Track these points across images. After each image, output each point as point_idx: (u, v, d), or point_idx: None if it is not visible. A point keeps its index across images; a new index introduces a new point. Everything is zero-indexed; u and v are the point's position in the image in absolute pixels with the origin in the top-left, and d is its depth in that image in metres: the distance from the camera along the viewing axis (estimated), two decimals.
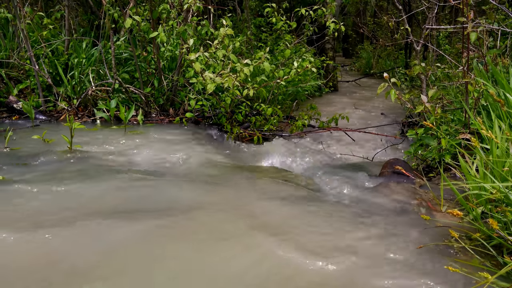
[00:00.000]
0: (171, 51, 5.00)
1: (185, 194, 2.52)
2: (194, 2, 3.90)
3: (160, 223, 2.06)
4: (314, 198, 2.53)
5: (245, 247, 1.88)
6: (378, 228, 2.05)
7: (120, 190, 2.52)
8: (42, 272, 1.64)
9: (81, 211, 2.18)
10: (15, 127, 3.94)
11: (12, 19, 4.62)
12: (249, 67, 3.65)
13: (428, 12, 4.81)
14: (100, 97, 4.55)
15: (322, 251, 1.82)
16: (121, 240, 1.90)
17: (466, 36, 2.75)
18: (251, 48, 6.03)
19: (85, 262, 1.71)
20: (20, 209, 2.17)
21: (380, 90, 2.68)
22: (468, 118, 2.86)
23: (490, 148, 2.04)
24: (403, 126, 5.01)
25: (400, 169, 2.68)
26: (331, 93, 8.14)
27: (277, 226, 2.07)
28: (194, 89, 4.36)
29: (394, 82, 2.70)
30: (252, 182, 2.76)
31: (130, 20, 3.98)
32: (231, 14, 6.39)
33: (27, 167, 2.88)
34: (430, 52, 7.90)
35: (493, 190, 1.74)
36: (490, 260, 1.70)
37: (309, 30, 5.01)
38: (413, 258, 1.75)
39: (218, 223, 2.10)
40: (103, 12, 4.73)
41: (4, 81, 4.69)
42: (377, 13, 14.83)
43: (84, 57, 4.81)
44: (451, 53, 6.99)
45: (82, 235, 1.92)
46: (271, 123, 4.26)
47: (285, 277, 1.66)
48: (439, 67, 4.68)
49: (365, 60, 12.51)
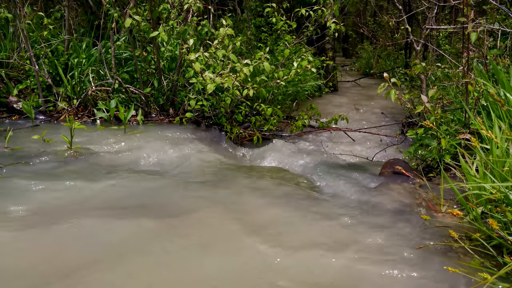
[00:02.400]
0: (171, 51, 5.00)
1: (184, 194, 2.52)
2: (194, 2, 3.90)
3: (159, 222, 2.06)
4: (314, 198, 2.53)
5: (244, 247, 1.87)
6: (377, 228, 2.04)
7: (119, 190, 2.52)
8: (36, 271, 1.64)
9: (80, 210, 2.18)
10: (15, 127, 3.94)
11: (12, 19, 4.62)
12: (249, 67, 3.65)
13: (428, 12, 4.81)
14: (100, 97, 4.55)
15: (322, 250, 1.82)
16: (115, 239, 1.90)
17: (466, 36, 2.74)
18: (251, 48, 6.02)
19: (77, 261, 1.71)
20: (20, 208, 2.17)
21: (380, 90, 2.68)
22: (468, 118, 2.86)
23: (490, 148, 2.04)
24: (403, 126, 5.01)
25: (400, 169, 2.68)
26: (331, 93, 8.14)
27: (276, 226, 2.07)
28: (194, 89, 4.36)
29: (394, 82, 2.70)
30: (252, 182, 2.76)
31: (130, 20, 3.98)
32: (231, 14, 6.39)
33: (27, 167, 2.88)
34: (430, 52, 7.90)
35: (493, 190, 1.74)
36: (490, 260, 1.69)
37: (309, 30, 5.01)
38: (413, 258, 1.75)
39: (216, 223, 2.10)
40: (103, 12, 4.73)
41: (4, 81, 4.69)
42: (377, 13, 14.83)
43: (84, 57, 4.80)
44: (451, 53, 6.98)
45: (77, 234, 1.93)
46: (271, 123, 4.26)
47: (285, 277, 1.65)
48: (439, 67, 4.68)
49: (365, 60, 12.51)
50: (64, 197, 2.37)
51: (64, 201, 2.32)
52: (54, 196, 2.37)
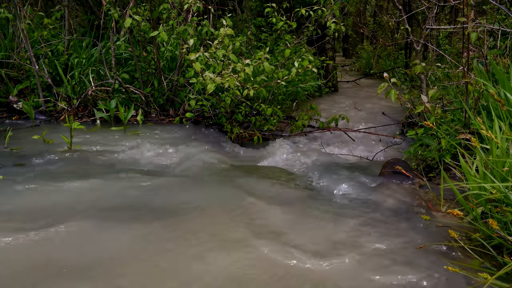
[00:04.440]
0: (171, 51, 5.00)
1: (183, 193, 2.52)
2: (194, 2, 3.90)
3: (158, 222, 2.06)
4: (314, 198, 2.53)
5: (244, 247, 1.87)
6: (377, 228, 2.04)
7: (119, 190, 2.52)
8: (33, 271, 1.64)
9: (80, 210, 2.18)
10: (15, 127, 3.94)
11: (12, 19, 4.62)
12: (250, 67, 3.64)
13: (428, 12, 4.80)
14: (100, 97, 4.55)
15: (322, 250, 1.82)
16: (115, 240, 1.90)
17: (466, 36, 2.74)
18: (251, 48, 6.02)
19: (76, 262, 1.71)
20: (20, 209, 2.17)
21: (380, 90, 2.68)
22: (468, 118, 2.85)
23: (490, 148, 2.03)
24: (403, 126, 5.01)
25: (400, 169, 2.68)
26: (331, 93, 8.14)
27: (276, 225, 2.07)
28: (194, 89, 4.36)
29: (394, 82, 2.70)
30: (252, 182, 2.76)
31: (129, 19, 3.98)
32: (231, 14, 6.39)
33: (27, 167, 2.88)
34: (430, 52, 7.90)
35: (493, 190, 1.74)
36: (490, 260, 1.69)
37: (309, 31, 5.01)
38: (413, 258, 1.75)
39: (215, 223, 2.10)
40: (103, 12, 4.73)
41: (4, 81, 4.69)
42: (377, 13, 14.83)
43: (84, 57, 4.80)
44: (451, 53, 6.98)
45: (77, 234, 1.92)
46: (271, 123, 4.26)
47: (285, 276, 1.65)
48: (439, 67, 4.68)
49: (365, 60, 12.51)
50: (64, 197, 2.37)
51: (64, 201, 2.32)
52: (54, 196, 2.37)
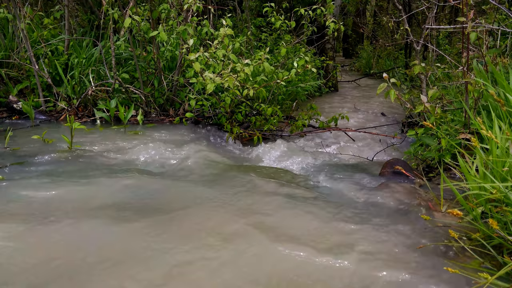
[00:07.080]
0: (171, 51, 5.00)
1: (183, 193, 2.52)
2: (194, 2, 3.90)
3: (159, 222, 2.06)
4: (314, 198, 2.53)
5: (242, 246, 1.87)
6: (377, 227, 2.04)
7: (119, 190, 2.52)
8: (33, 271, 1.64)
9: (79, 210, 2.18)
10: (15, 127, 3.94)
11: (12, 19, 4.62)
12: (249, 67, 3.65)
13: (428, 12, 4.81)
14: (100, 97, 4.55)
15: (322, 250, 1.82)
16: (115, 240, 1.90)
17: (466, 36, 2.74)
18: (251, 48, 6.02)
19: (73, 262, 1.71)
20: (19, 209, 2.17)
21: (380, 90, 2.68)
22: (468, 118, 2.86)
23: (490, 148, 2.03)
24: (403, 126, 5.01)
25: (400, 169, 2.68)
26: (331, 93, 8.14)
27: (275, 225, 2.07)
28: (194, 89, 4.36)
29: (393, 82, 2.70)
30: (252, 182, 2.76)
31: (129, 19, 3.98)
32: (231, 14, 6.39)
33: (27, 167, 2.88)
34: (430, 52, 7.90)
35: (493, 190, 1.74)
36: (490, 260, 1.70)
37: (308, 29, 5.01)
38: (413, 258, 1.75)
39: (215, 223, 2.10)
40: (103, 12, 4.73)
41: (4, 81, 4.69)
42: (377, 13, 14.83)
43: (84, 57, 4.80)
44: (451, 53, 6.98)
45: (77, 234, 1.92)
46: (271, 123, 4.26)
47: (286, 276, 1.65)
48: (439, 67, 4.68)
49: (365, 60, 12.51)
50: (64, 197, 2.37)
51: (64, 201, 2.32)
52: (54, 196, 2.37)
